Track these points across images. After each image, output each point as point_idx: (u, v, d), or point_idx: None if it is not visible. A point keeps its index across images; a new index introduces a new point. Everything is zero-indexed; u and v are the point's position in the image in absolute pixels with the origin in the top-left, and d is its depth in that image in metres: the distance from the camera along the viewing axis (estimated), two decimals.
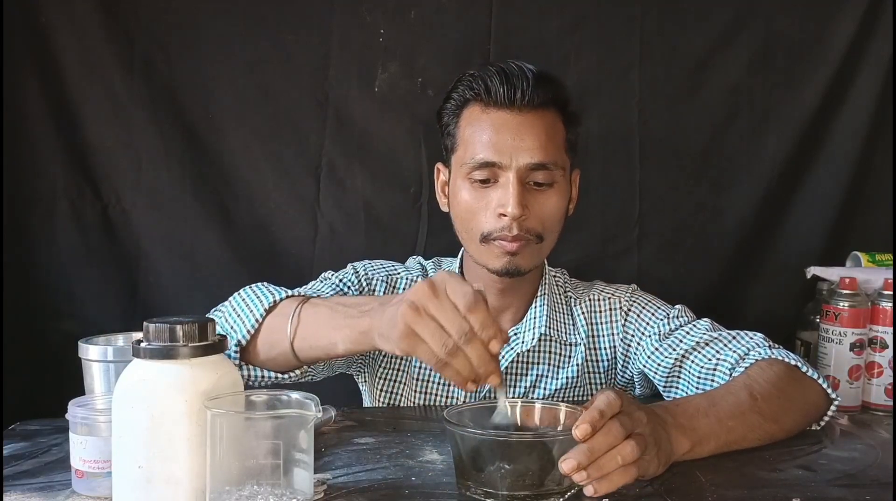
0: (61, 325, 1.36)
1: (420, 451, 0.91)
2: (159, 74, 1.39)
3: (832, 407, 1.00)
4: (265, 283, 1.00)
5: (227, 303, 1.00)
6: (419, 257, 1.26)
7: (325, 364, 1.02)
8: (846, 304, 1.16)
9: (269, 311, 0.94)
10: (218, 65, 1.41)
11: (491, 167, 1.06)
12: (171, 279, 1.43)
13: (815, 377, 1.00)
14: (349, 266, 1.19)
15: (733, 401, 0.92)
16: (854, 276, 1.19)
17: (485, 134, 1.07)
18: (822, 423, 1.01)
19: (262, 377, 0.96)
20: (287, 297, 0.96)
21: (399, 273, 1.19)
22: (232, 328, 0.96)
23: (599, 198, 1.50)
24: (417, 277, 1.20)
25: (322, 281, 1.15)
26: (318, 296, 1.02)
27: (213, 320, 0.70)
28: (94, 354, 0.87)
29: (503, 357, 1.14)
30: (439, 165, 1.18)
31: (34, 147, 1.36)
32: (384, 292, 1.17)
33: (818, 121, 1.50)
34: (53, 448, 0.91)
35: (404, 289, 1.18)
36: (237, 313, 0.97)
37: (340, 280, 1.14)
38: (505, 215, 1.05)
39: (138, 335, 0.70)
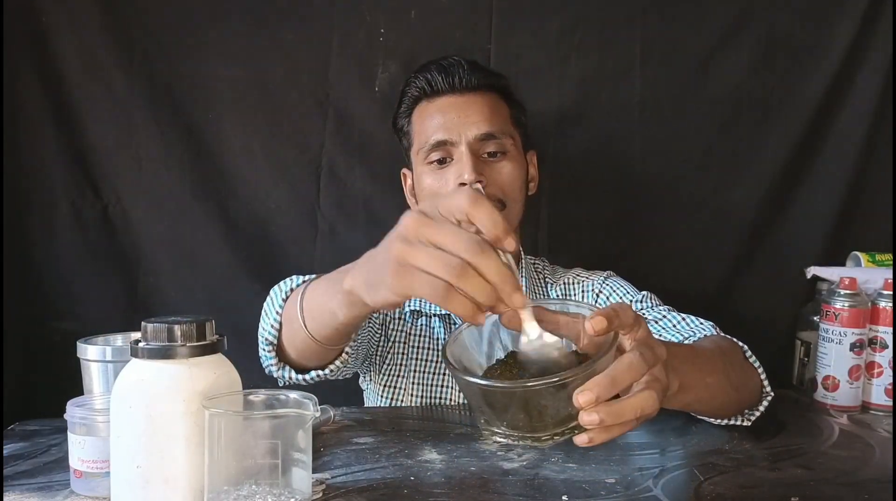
0: (61, 325, 1.36)
1: (419, 451, 0.91)
2: (159, 74, 1.39)
3: (764, 402, 0.98)
4: (293, 277, 0.97)
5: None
6: None
7: (353, 356, 0.97)
8: (846, 304, 1.16)
9: (285, 301, 0.92)
10: (218, 65, 1.41)
11: (444, 146, 1.14)
12: (171, 279, 1.43)
13: (757, 366, 0.98)
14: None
15: (710, 358, 0.89)
16: (854, 276, 1.19)
17: (434, 120, 1.16)
18: (753, 416, 0.97)
19: (304, 379, 0.94)
20: (302, 282, 0.92)
21: None
22: (263, 328, 0.94)
23: (599, 198, 1.50)
24: None
25: None
26: (370, 318, 1.04)
27: (211, 319, 0.70)
28: (92, 354, 0.87)
29: None
30: (405, 171, 1.27)
31: (34, 147, 1.36)
32: None
33: (818, 121, 1.50)
34: (52, 449, 0.92)
35: None
36: (265, 312, 0.95)
37: None
38: (464, 184, 1.10)
39: (137, 335, 0.70)
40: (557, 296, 1.26)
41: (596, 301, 1.24)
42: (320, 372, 0.94)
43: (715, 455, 0.91)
